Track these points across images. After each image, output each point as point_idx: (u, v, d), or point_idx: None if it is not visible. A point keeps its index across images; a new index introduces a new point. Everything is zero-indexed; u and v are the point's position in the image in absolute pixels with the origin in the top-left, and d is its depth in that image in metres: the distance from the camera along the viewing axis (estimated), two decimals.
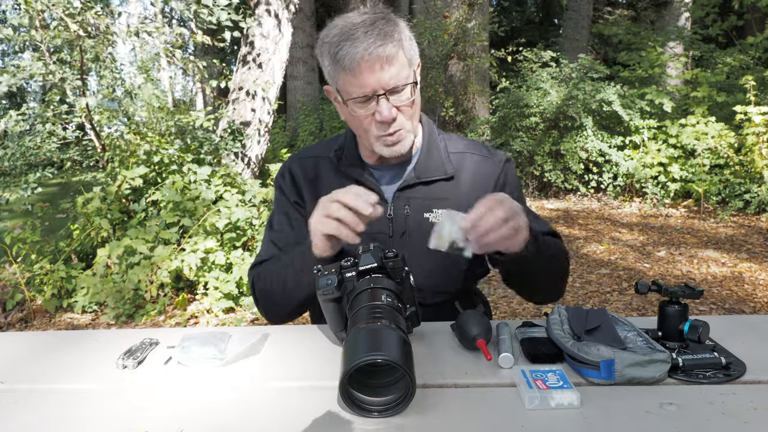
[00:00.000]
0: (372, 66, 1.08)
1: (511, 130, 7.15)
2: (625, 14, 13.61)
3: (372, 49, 1.06)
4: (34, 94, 17.04)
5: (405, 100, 1.13)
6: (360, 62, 1.07)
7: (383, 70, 1.08)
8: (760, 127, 5.36)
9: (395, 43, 1.09)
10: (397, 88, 1.11)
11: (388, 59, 1.08)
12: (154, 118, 5.74)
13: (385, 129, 1.14)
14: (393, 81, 1.09)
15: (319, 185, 1.28)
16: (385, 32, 1.08)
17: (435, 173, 1.24)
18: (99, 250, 3.67)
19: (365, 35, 1.07)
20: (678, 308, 0.98)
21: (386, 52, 1.07)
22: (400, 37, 1.11)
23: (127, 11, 12.90)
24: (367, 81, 1.09)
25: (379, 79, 1.09)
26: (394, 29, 1.10)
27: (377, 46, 1.06)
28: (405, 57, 1.12)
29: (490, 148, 1.34)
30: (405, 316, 0.94)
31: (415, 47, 1.17)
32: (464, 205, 1.21)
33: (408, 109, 1.15)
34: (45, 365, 1.05)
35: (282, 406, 0.86)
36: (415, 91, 1.16)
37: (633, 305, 3.52)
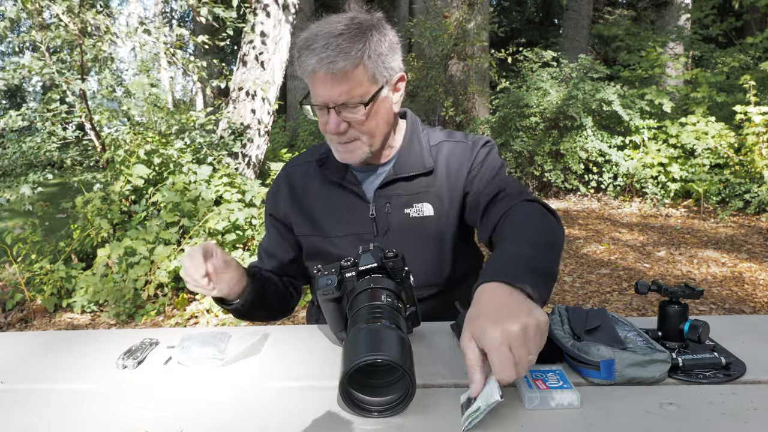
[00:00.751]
0: (323, 80, 1.08)
1: (511, 130, 7.15)
2: (625, 14, 13.61)
3: (324, 63, 1.05)
4: (34, 94, 17.04)
5: (357, 117, 1.12)
6: (312, 74, 1.09)
7: (332, 86, 1.08)
8: (760, 127, 5.36)
9: (352, 60, 1.06)
10: (347, 104, 1.10)
11: (339, 76, 1.07)
12: (154, 118, 5.74)
13: (338, 138, 1.16)
14: (342, 98, 1.09)
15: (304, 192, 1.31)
16: (342, 48, 1.05)
17: (414, 168, 1.24)
18: (99, 250, 3.67)
19: (322, 48, 1.06)
20: (678, 308, 0.98)
21: (337, 68, 1.05)
22: (362, 54, 1.07)
23: (127, 11, 12.90)
24: (318, 92, 1.11)
25: (329, 93, 1.09)
26: (358, 45, 1.07)
27: (328, 62, 1.05)
28: (365, 74, 1.09)
29: (472, 135, 1.31)
30: (405, 316, 0.94)
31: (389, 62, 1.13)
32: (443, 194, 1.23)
33: (361, 125, 1.14)
34: (45, 365, 1.05)
35: (282, 406, 0.86)
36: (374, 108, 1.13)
37: (633, 305, 3.52)
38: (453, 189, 1.23)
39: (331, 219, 1.27)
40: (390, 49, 1.13)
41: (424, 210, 1.23)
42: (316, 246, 1.29)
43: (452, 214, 1.23)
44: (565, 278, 4.13)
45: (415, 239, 1.22)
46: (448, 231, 1.24)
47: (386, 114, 1.18)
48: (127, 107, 5.67)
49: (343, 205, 1.26)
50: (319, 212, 1.28)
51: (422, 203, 1.23)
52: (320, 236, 1.28)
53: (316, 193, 1.29)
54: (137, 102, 6.49)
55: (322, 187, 1.28)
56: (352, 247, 1.21)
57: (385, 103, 1.16)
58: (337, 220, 1.26)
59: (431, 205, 1.23)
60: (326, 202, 1.28)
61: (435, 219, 1.23)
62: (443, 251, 1.25)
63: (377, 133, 1.18)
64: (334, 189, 1.27)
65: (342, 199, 1.26)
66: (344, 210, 1.26)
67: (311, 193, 1.30)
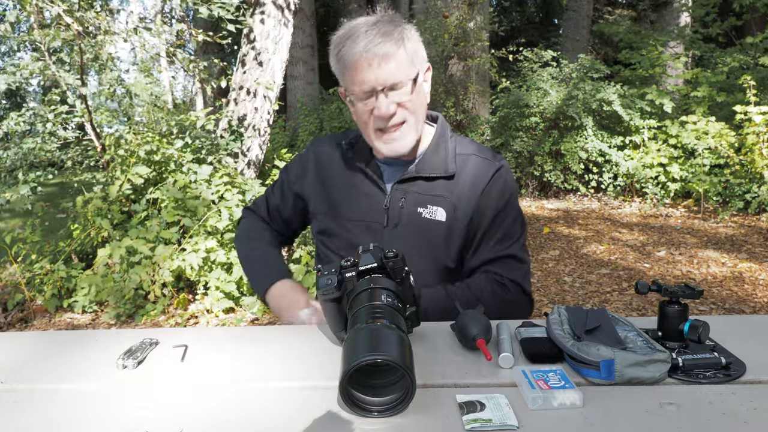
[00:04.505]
0: (370, 62, 1.11)
1: (511, 130, 7.15)
2: (625, 14, 13.61)
3: (370, 46, 1.10)
4: (34, 94, 17.04)
5: (405, 97, 1.15)
6: (359, 59, 1.11)
7: (380, 66, 1.11)
8: (760, 127, 5.36)
9: (395, 42, 1.12)
10: (396, 84, 1.13)
11: (386, 56, 1.11)
12: (154, 118, 5.74)
13: (384, 124, 1.18)
14: (391, 78, 1.13)
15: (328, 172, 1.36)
16: (384, 31, 1.11)
17: (436, 170, 1.26)
18: (99, 250, 3.67)
19: (365, 34, 1.11)
20: (678, 308, 0.98)
21: (384, 49, 1.10)
22: (402, 37, 1.13)
23: (127, 10, 12.89)
24: (366, 77, 1.13)
25: (378, 76, 1.12)
26: (396, 29, 1.13)
27: (375, 44, 1.10)
28: (406, 56, 1.14)
29: (497, 154, 1.34)
30: (405, 316, 0.94)
31: (421, 50, 1.20)
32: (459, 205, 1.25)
33: (410, 104, 1.17)
34: (45, 365, 1.05)
35: (282, 406, 0.86)
36: (416, 88, 1.17)
37: (633, 305, 3.52)
38: (468, 203, 1.25)
39: (347, 202, 1.29)
40: (418, 40, 1.20)
41: (437, 214, 1.24)
42: (328, 225, 1.32)
43: (461, 226, 1.25)
44: (565, 278, 4.13)
45: (421, 239, 1.23)
46: (455, 241, 1.25)
47: (425, 97, 1.23)
48: (128, 106, 5.68)
49: (361, 191, 1.29)
50: (338, 194, 1.31)
51: (437, 207, 1.24)
52: (333, 217, 1.30)
53: (338, 175, 1.34)
54: (138, 102, 6.50)
55: (346, 170, 1.32)
56: (362, 233, 1.25)
57: (423, 89, 1.21)
58: (353, 204, 1.29)
59: (445, 212, 1.24)
60: (346, 186, 1.31)
61: (445, 225, 1.24)
62: (445, 257, 1.25)
63: (419, 115, 1.22)
64: (356, 174, 1.31)
65: (361, 186, 1.29)
66: (361, 196, 1.29)
67: (334, 175, 1.34)
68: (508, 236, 1.27)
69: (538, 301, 3.70)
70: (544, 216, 6.20)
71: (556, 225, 5.73)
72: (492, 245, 1.26)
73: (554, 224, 5.77)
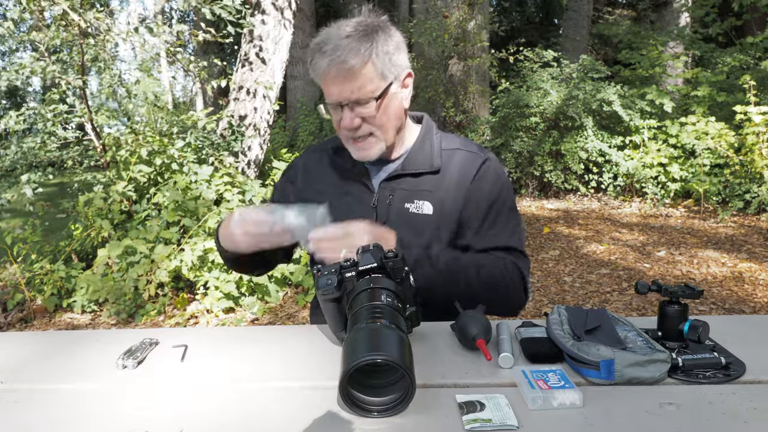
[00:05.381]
0: (334, 79, 1.16)
1: (511, 130, 7.15)
2: (625, 14, 13.61)
3: (335, 62, 1.13)
4: (34, 94, 17.04)
5: (369, 112, 1.19)
6: (325, 74, 1.16)
7: (344, 84, 1.15)
8: (760, 127, 5.36)
9: (361, 58, 1.14)
10: (360, 100, 1.17)
11: (350, 73, 1.14)
12: (154, 118, 5.73)
13: (352, 134, 1.23)
14: (355, 94, 1.16)
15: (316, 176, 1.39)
16: (351, 48, 1.13)
17: (422, 166, 1.29)
18: (99, 250, 3.67)
19: (333, 50, 1.14)
20: (678, 308, 0.98)
21: (348, 65, 1.13)
22: (370, 53, 1.15)
23: (127, 11, 12.90)
24: (331, 91, 1.18)
25: (341, 92, 1.17)
26: (368, 43, 1.15)
27: (339, 61, 1.13)
28: (374, 71, 1.16)
29: (483, 148, 1.37)
30: (405, 316, 0.94)
31: (396, 60, 1.20)
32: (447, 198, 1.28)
33: (374, 119, 1.20)
34: (45, 365, 1.05)
35: (282, 406, 0.86)
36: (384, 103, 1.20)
37: (633, 305, 3.52)
38: (456, 195, 1.28)
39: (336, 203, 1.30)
40: (396, 48, 1.20)
41: (424, 208, 1.27)
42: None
43: (451, 218, 1.27)
44: (565, 278, 4.13)
45: (410, 233, 1.25)
46: (445, 232, 1.27)
47: (397, 109, 1.24)
48: (130, 106, 5.67)
49: (349, 191, 1.32)
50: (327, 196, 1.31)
51: (423, 201, 1.27)
52: None
53: (326, 178, 1.37)
54: (138, 102, 6.49)
55: (334, 173, 1.36)
56: None
57: (395, 99, 1.23)
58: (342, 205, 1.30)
59: (432, 205, 1.27)
60: (335, 188, 1.34)
61: (433, 219, 1.27)
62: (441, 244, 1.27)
63: (389, 127, 1.24)
64: (344, 176, 1.34)
65: (349, 187, 1.32)
66: (350, 196, 1.32)
67: (322, 178, 1.37)
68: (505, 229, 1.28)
69: (538, 301, 3.70)
70: (544, 216, 6.20)
71: (556, 225, 5.74)
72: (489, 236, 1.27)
73: (554, 224, 5.77)
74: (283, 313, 3.61)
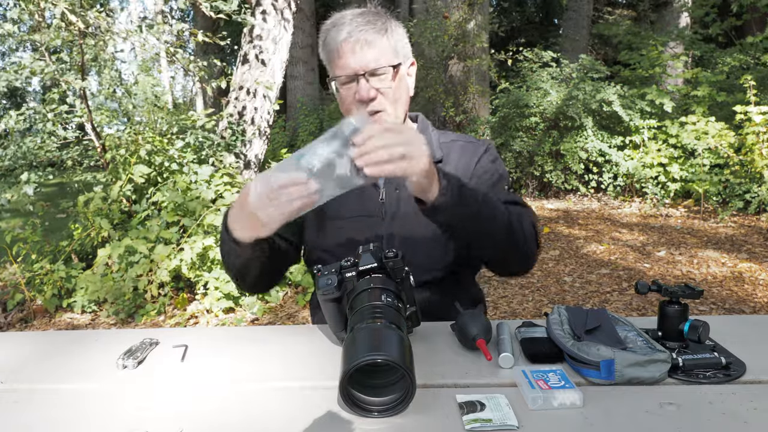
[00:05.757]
0: (353, 47, 1.16)
1: (511, 131, 7.15)
2: (625, 14, 13.61)
3: (354, 32, 1.16)
4: (34, 94, 17.03)
5: (386, 84, 1.19)
6: (342, 44, 1.17)
7: (363, 51, 1.16)
8: (760, 127, 5.36)
9: (378, 30, 1.17)
10: (377, 70, 1.17)
11: (368, 42, 1.16)
12: (154, 118, 5.74)
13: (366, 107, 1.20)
14: (372, 63, 1.17)
15: None
16: (368, 20, 1.17)
17: None
18: (99, 250, 3.67)
19: (350, 22, 1.17)
20: (678, 308, 0.98)
21: (367, 36, 1.16)
22: (386, 27, 1.19)
23: (127, 9, 12.90)
24: (348, 62, 1.17)
25: (359, 60, 1.16)
26: (381, 19, 1.19)
27: (359, 30, 1.16)
28: (389, 45, 1.19)
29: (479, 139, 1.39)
30: (405, 316, 0.94)
31: (406, 44, 1.24)
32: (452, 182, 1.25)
33: (389, 92, 1.20)
34: (45, 365, 1.05)
35: (282, 406, 0.86)
36: (398, 78, 1.21)
37: (633, 305, 3.52)
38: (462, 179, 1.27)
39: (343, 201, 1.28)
40: (403, 34, 1.25)
41: None
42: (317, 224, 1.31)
43: None
44: (565, 278, 4.13)
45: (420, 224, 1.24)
46: None
47: (406, 89, 1.26)
48: (130, 106, 5.67)
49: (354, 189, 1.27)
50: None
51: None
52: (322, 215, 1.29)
53: None
54: (138, 102, 6.49)
55: None
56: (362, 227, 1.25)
57: (405, 80, 1.25)
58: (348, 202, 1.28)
59: None
60: None
61: None
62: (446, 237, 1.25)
63: (400, 106, 1.24)
64: None
65: None
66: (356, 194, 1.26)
67: None
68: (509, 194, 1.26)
69: (538, 301, 3.70)
70: (544, 216, 6.20)
71: (556, 225, 5.74)
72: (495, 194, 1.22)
73: (554, 224, 5.77)
74: (283, 313, 3.61)
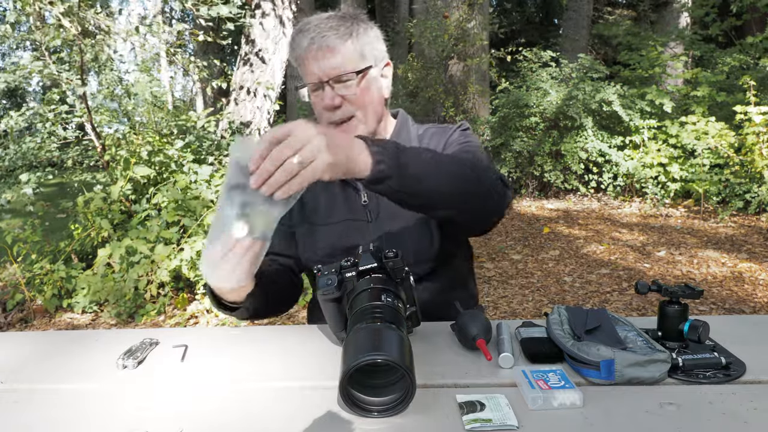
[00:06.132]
0: (315, 55, 1.15)
1: (511, 130, 7.15)
2: (625, 14, 13.61)
3: (316, 39, 1.14)
4: (34, 94, 17.04)
5: (351, 91, 1.18)
6: (306, 51, 1.16)
7: (326, 59, 1.15)
8: (760, 127, 5.36)
9: (342, 36, 1.15)
10: (341, 77, 1.16)
11: (331, 49, 1.15)
12: (154, 118, 5.74)
13: (332, 116, 1.20)
14: (335, 70, 1.15)
15: None
16: (332, 26, 1.15)
17: None
18: (99, 250, 3.67)
19: (314, 27, 1.15)
20: (678, 308, 0.98)
21: (329, 42, 1.14)
22: (351, 31, 1.16)
23: (127, 10, 12.89)
24: (312, 69, 1.17)
25: (322, 67, 1.16)
26: (346, 23, 1.17)
27: (321, 37, 1.14)
28: (354, 49, 1.17)
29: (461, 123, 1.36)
30: (405, 316, 0.94)
31: (377, 45, 1.22)
32: None
33: (356, 98, 1.19)
34: (45, 365, 1.05)
35: (282, 406, 0.86)
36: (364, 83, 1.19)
37: (633, 305, 3.52)
38: None
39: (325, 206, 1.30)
40: (376, 36, 1.22)
41: None
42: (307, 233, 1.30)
43: None
44: (565, 278, 4.13)
45: (404, 220, 1.24)
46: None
47: (377, 93, 1.24)
48: (130, 107, 5.67)
49: (335, 193, 1.29)
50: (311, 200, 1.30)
51: None
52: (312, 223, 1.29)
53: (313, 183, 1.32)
54: (138, 102, 6.49)
55: None
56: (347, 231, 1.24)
57: (376, 83, 1.22)
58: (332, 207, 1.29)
59: None
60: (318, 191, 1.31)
61: None
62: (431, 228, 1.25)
63: (370, 110, 1.22)
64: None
65: (334, 188, 1.30)
66: (337, 198, 1.29)
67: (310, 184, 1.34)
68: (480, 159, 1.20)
69: (538, 301, 3.70)
70: (544, 216, 6.20)
71: (556, 225, 5.74)
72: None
73: (554, 224, 5.77)
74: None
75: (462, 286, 1.37)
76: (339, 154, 0.84)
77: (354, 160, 0.87)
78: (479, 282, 4.11)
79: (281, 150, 0.79)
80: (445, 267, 1.28)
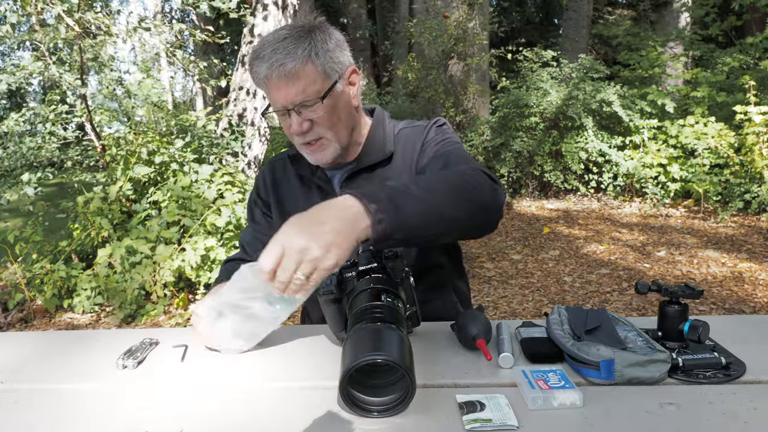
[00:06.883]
0: (277, 84, 1.12)
1: (511, 130, 7.15)
2: (625, 14, 13.61)
3: (274, 67, 1.09)
4: (34, 94, 17.03)
5: (318, 113, 1.15)
6: (266, 81, 1.12)
7: (287, 87, 1.11)
8: (760, 127, 5.36)
9: (301, 59, 1.10)
10: (305, 102, 1.13)
11: (291, 75, 1.10)
12: (154, 118, 5.74)
13: (303, 139, 1.18)
14: (299, 97, 1.12)
15: (280, 185, 1.36)
16: (289, 50, 1.09)
17: (376, 157, 1.27)
18: (100, 250, 3.67)
19: (271, 53, 1.10)
20: (678, 308, 0.98)
21: (288, 69, 1.09)
22: (309, 51, 1.10)
23: (127, 10, 12.90)
24: (276, 97, 1.14)
25: (285, 96, 1.12)
26: (303, 44, 1.11)
27: (279, 64, 1.09)
28: (316, 70, 1.12)
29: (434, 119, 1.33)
30: (405, 316, 0.94)
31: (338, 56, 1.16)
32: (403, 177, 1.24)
33: (324, 120, 1.16)
34: (45, 365, 1.05)
35: (282, 406, 0.86)
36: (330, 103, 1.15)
37: (633, 305, 3.52)
38: (410, 170, 1.26)
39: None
40: (337, 45, 1.16)
41: None
42: None
43: None
44: (565, 278, 4.13)
45: None
46: None
47: (346, 107, 1.21)
48: (130, 107, 5.68)
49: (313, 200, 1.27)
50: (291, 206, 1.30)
51: None
52: None
53: (289, 187, 1.34)
54: (138, 102, 6.50)
55: (295, 182, 1.34)
56: None
57: (343, 97, 1.19)
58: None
59: None
60: (297, 197, 1.31)
61: None
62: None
63: (340, 128, 1.20)
64: (305, 185, 1.32)
65: (312, 195, 1.30)
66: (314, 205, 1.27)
67: (285, 187, 1.35)
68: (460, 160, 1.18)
69: (538, 301, 3.70)
70: (544, 216, 6.20)
71: (556, 225, 5.74)
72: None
73: (554, 224, 5.77)
74: None
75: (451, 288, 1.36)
76: (341, 244, 0.82)
77: (353, 232, 0.84)
78: (479, 282, 4.11)
79: (289, 259, 0.81)
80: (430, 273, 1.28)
